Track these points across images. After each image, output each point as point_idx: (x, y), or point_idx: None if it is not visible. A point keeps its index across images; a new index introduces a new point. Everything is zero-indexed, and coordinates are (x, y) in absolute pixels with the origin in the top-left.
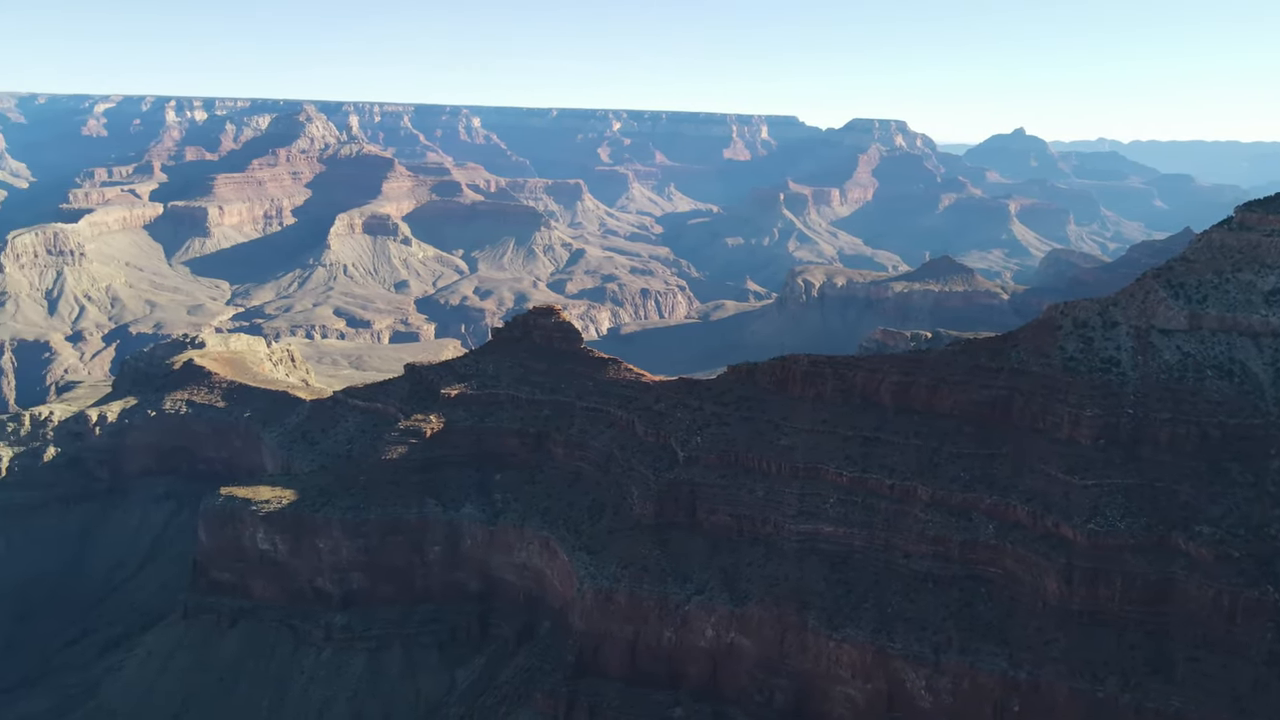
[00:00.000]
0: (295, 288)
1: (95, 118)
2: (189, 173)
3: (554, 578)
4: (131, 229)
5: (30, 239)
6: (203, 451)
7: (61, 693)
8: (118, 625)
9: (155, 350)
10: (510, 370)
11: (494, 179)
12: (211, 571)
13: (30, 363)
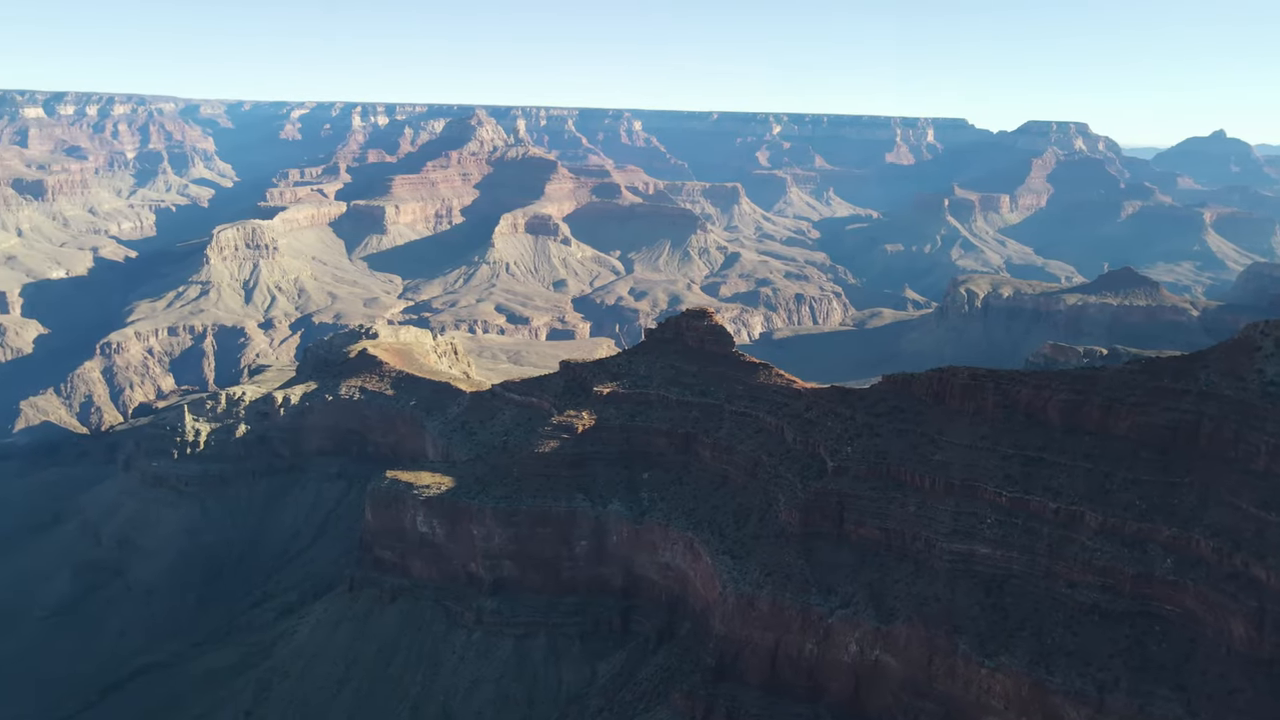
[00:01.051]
0: (461, 284)
1: (291, 123)
2: (370, 174)
3: (696, 579)
4: (318, 226)
5: (232, 234)
6: (372, 436)
7: (243, 650)
8: (293, 592)
9: (334, 339)
10: (661, 371)
11: (652, 181)
12: (375, 549)
13: (228, 346)
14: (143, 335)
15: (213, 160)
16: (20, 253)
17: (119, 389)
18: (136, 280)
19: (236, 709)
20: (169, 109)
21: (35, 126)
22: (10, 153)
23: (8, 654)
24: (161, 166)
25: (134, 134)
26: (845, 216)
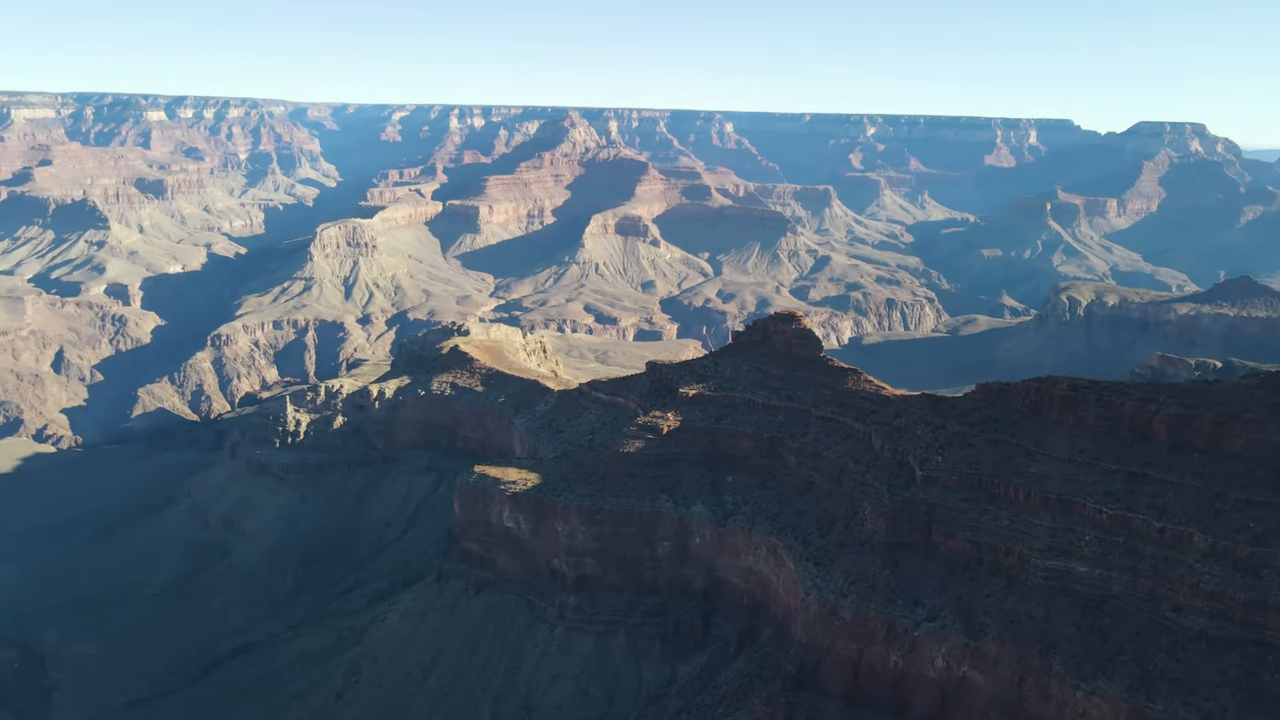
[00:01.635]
0: (551, 283)
1: (392, 125)
2: (465, 174)
3: (779, 585)
4: (415, 225)
5: (335, 232)
6: (461, 430)
7: (336, 634)
8: (384, 580)
9: (427, 336)
10: (748, 374)
11: (743, 184)
12: (463, 542)
13: (328, 340)
14: (250, 328)
15: (318, 161)
16: (141, 248)
17: (227, 379)
18: (245, 275)
19: (328, 690)
20: (279, 112)
21: (157, 129)
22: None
23: (123, 627)
24: (271, 167)
25: (246, 136)
26: (940, 220)
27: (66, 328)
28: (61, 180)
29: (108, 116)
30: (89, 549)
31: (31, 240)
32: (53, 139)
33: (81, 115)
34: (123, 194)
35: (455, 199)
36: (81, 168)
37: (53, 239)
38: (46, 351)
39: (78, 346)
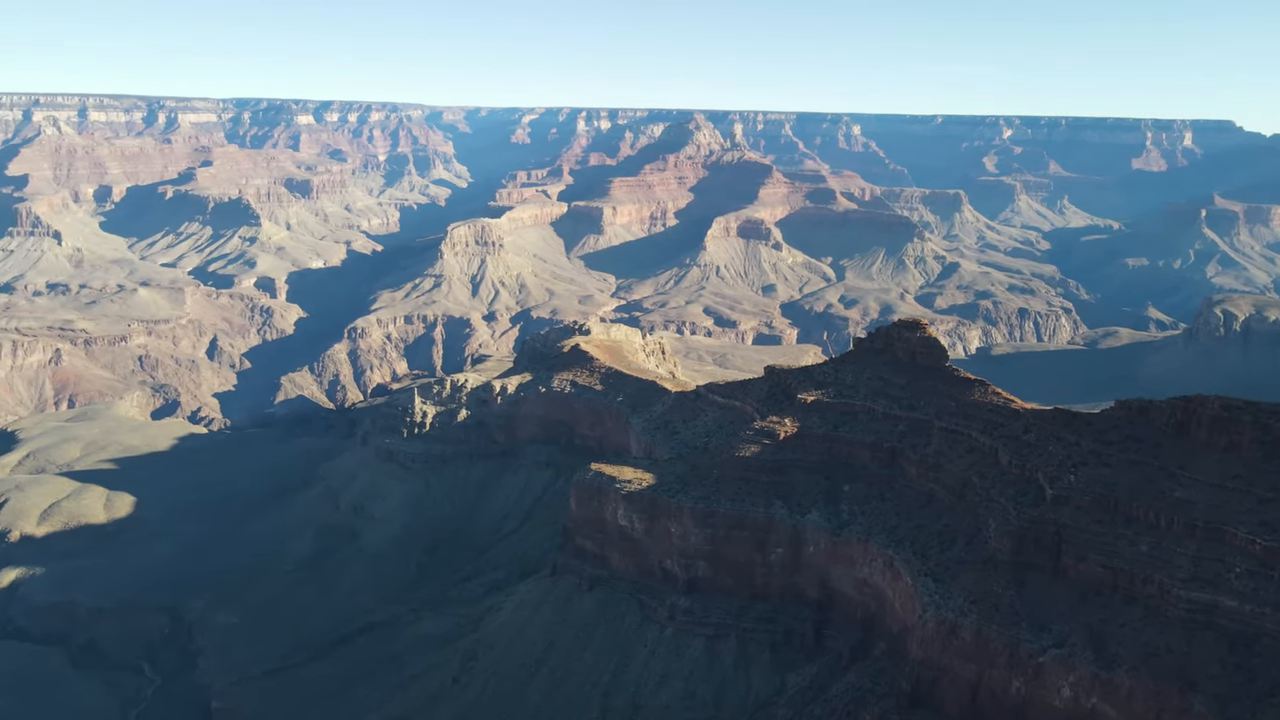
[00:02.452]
0: (671, 285)
1: (522, 127)
2: (591, 176)
3: (895, 599)
4: (540, 225)
5: (464, 231)
6: (580, 428)
7: (454, 621)
8: (501, 571)
9: (550, 334)
10: (869, 382)
11: (869, 187)
12: (577, 538)
13: (455, 336)
14: (383, 322)
15: (451, 162)
16: (288, 244)
17: (361, 370)
18: (381, 271)
19: (445, 674)
20: (416, 115)
21: (306, 132)
22: (285, 155)
23: (262, 599)
24: (407, 168)
25: (386, 138)
26: (1080, 227)
27: (220, 318)
28: (220, 180)
29: (262, 120)
30: (233, 525)
31: (192, 236)
32: (213, 141)
33: (240, 119)
34: (273, 193)
35: (580, 200)
36: (238, 168)
37: (210, 234)
38: (202, 339)
39: (230, 335)
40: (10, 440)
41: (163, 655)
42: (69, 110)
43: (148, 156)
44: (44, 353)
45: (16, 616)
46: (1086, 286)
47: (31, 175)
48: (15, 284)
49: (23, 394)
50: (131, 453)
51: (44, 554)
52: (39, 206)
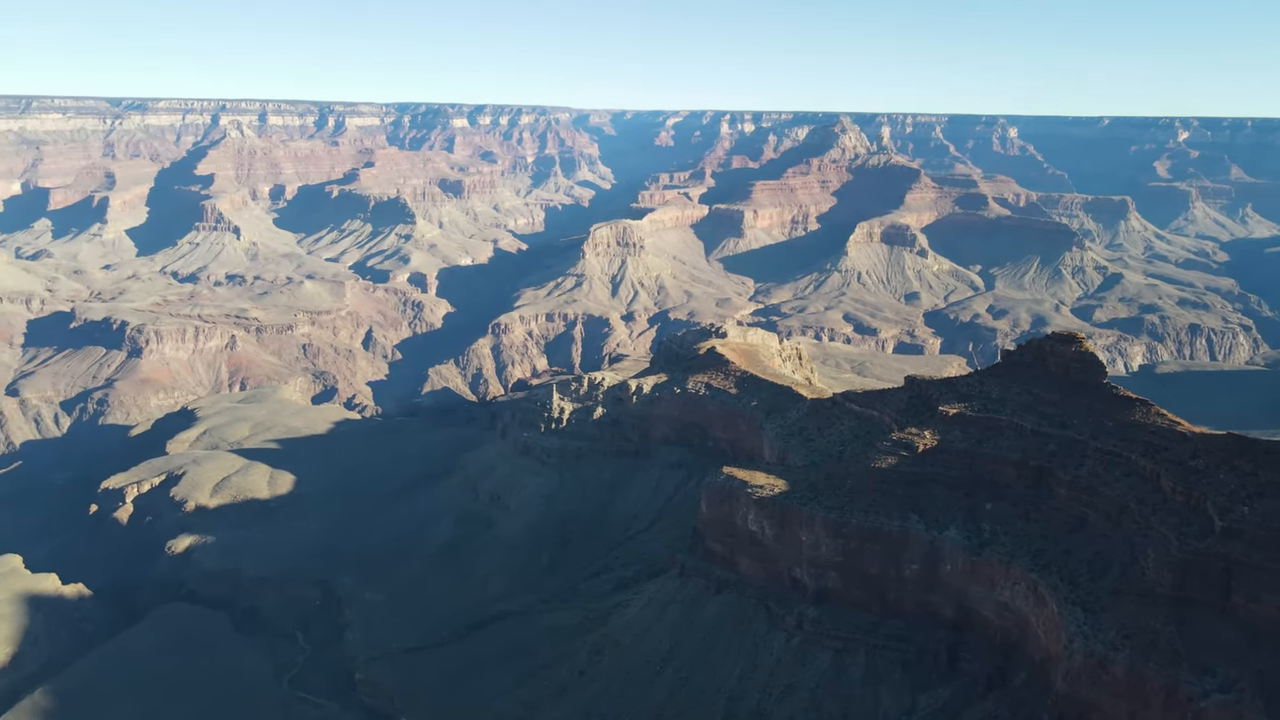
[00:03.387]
0: (811, 290)
1: (666, 130)
2: (733, 179)
3: (1038, 627)
4: (681, 227)
5: (606, 231)
6: (713, 430)
7: (583, 614)
8: (630, 568)
9: (686, 335)
10: (1017, 396)
11: (1024, 193)
12: (707, 540)
13: (594, 334)
14: (525, 319)
15: (596, 164)
16: (440, 242)
17: (503, 365)
18: (525, 270)
19: (573, 666)
20: (564, 118)
21: (460, 135)
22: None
23: (404, 580)
24: (553, 170)
25: (534, 141)
26: (1265, 238)
27: (376, 310)
28: (380, 180)
29: (421, 124)
30: (380, 507)
31: (354, 232)
32: (376, 144)
33: (400, 123)
34: (428, 193)
35: (721, 203)
36: (397, 169)
37: (370, 231)
38: (359, 330)
39: (384, 327)
40: (190, 418)
41: (315, 625)
42: (251, 115)
43: (317, 158)
44: (221, 338)
45: (189, 580)
46: (1271, 303)
47: (217, 174)
48: (200, 274)
49: (202, 375)
50: (293, 434)
51: (214, 524)
52: (222, 204)
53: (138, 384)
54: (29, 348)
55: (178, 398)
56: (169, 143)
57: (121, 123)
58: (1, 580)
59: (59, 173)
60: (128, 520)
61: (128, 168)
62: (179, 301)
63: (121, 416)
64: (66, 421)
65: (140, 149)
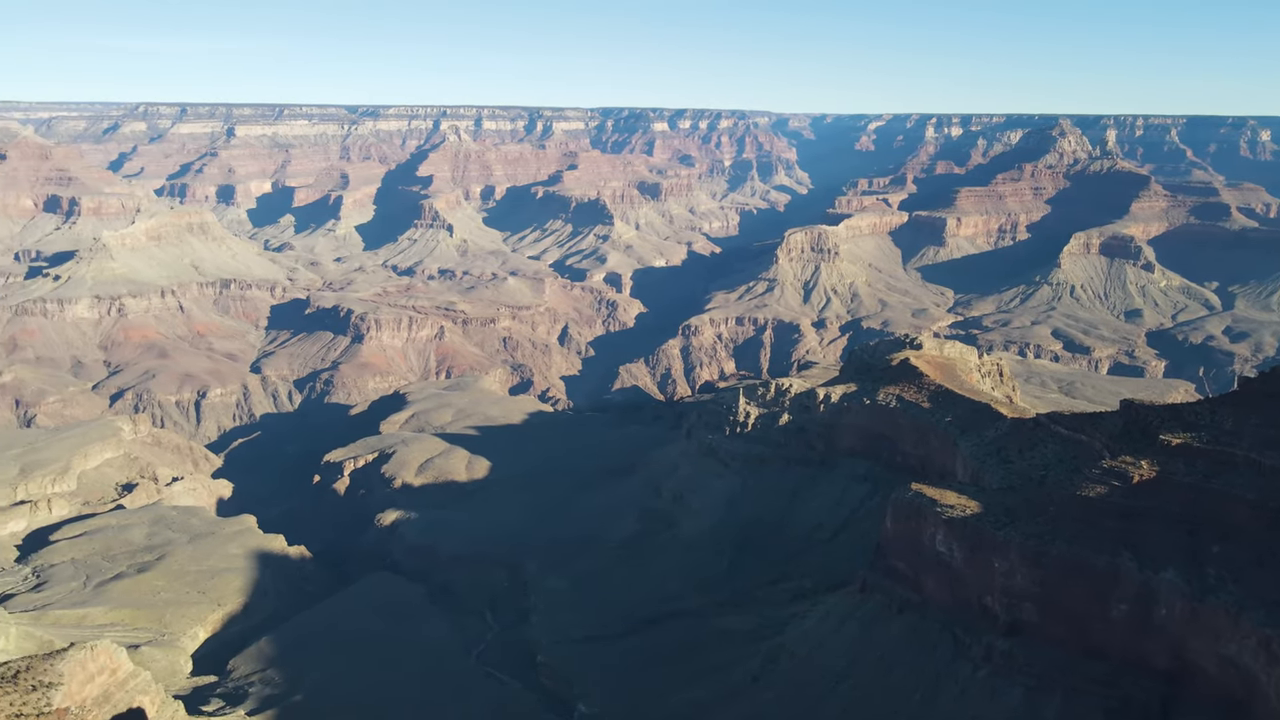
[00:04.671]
0: (1016, 303)
1: (867, 134)
2: (935, 185)
3: (1270, 689)
4: (878, 234)
5: (800, 237)
6: (901, 444)
7: (758, 620)
8: (808, 579)
9: (878, 345)
10: (1257, 429)
11: (1275, 202)
12: (890, 557)
13: (783, 340)
14: (715, 322)
15: (793, 169)
16: (636, 243)
17: (691, 366)
18: (717, 273)
19: (745, 671)
20: (763, 122)
21: (660, 138)
22: (639, 160)
23: (586, 570)
24: (750, 174)
25: (732, 145)
26: None
27: (572, 307)
28: (582, 182)
29: (622, 128)
30: (567, 498)
31: (555, 232)
32: (579, 147)
33: (604, 127)
34: (626, 195)
35: (922, 210)
36: (598, 171)
37: (570, 231)
38: (556, 326)
39: (579, 324)
40: (401, 401)
41: (502, 606)
42: (468, 120)
43: (525, 160)
44: (431, 329)
45: (394, 551)
46: None
47: (435, 176)
48: (416, 268)
49: (413, 362)
50: (491, 422)
51: (417, 501)
52: (438, 203)
53: (358, 367)
54: (271, 330)
55: (391, 382)
56: (395, 146)
57: (356, 128)
58: (238, 537)
59: (303, 173)
60: (344, 492)
61: (360, 169)
62: (397, 293)
63: (344, 396)
64: (298, 398)
65: (371, 152)
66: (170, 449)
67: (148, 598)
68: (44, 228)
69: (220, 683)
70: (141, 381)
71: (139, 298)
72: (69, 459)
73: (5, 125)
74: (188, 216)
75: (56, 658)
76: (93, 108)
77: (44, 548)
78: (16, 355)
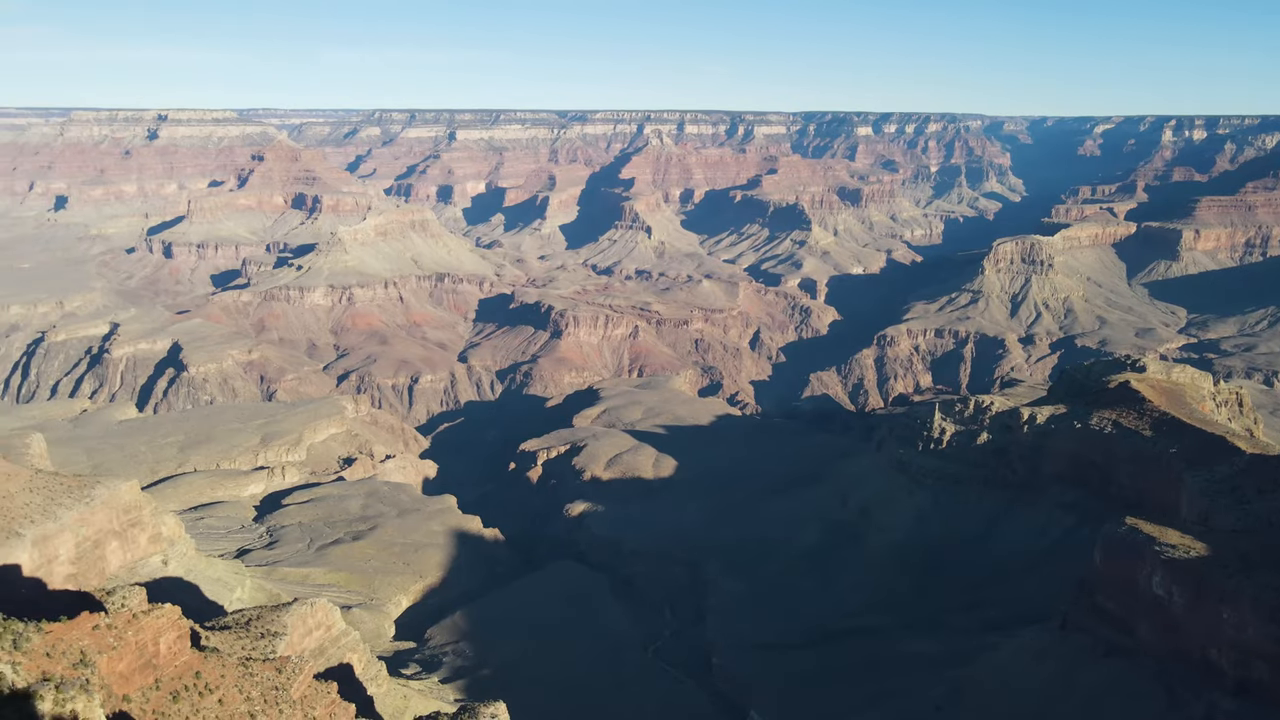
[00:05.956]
0: (1263, 326)
1: (1092, 138)
2: (1171, 194)
3: None
4: (1100, 246)
5: (1010, 247)
6: (1116, 475)
7: (943, 647)
8: (999, 609)
9: (1094, 365)
10: None
11: None
12: (1097, 596)
13: (985, 356)
14: (913, 333)
15: (1005, 175)
16: (833, 249)
17: (885, 377)
18: (917, 282)
19: (927, 699)
20: (975, 126)
21: (863, 143)
22: (840, 165)
23: (765, 576)
24: (958, 180)
25: (940, 150)
26: None
27: (765, 312)
28: (781, 187)
29: (825, 132)
30: (750, 503)
31: (751, 236)
32: (780, 151)
33: (805, 131)
34: (825, 200)
35: (1153, 220)
36: (797, 176)
37: (767, 236)
38: (748, 330)
39: (770, 330)
40: (594, 396)
41: (680, 604)
42: (670, 124)
43: (724, 164)
44: (626, 327)
45: (580, 542)
46: None
47: (637, 178)
48: (614, 268)
49: (607, 359)
50: (679, 422)
51: (604, 495)
52: (638, 205)
53: (556, 361)
54: (478, 322)
55: (586, 377)
56: (600, 149)
57: (565, 132)
58: (439, 515)
59: (514, 175)
60: (536, 480)
61: (566, 171)
62: (595, 291)
63: (540, 388)
64: (499, 388)
65: (577, 155)
66: (385, 428)
67: (360, 564)
68: (291, 222)
69: (418, 649)
70: (364, 365)
71: (366, 288)
72: (301, 432)
73: (264, 130)
74: (410, 214)
75: (282, 610)
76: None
77: (276, 510)
78: (263, 336)
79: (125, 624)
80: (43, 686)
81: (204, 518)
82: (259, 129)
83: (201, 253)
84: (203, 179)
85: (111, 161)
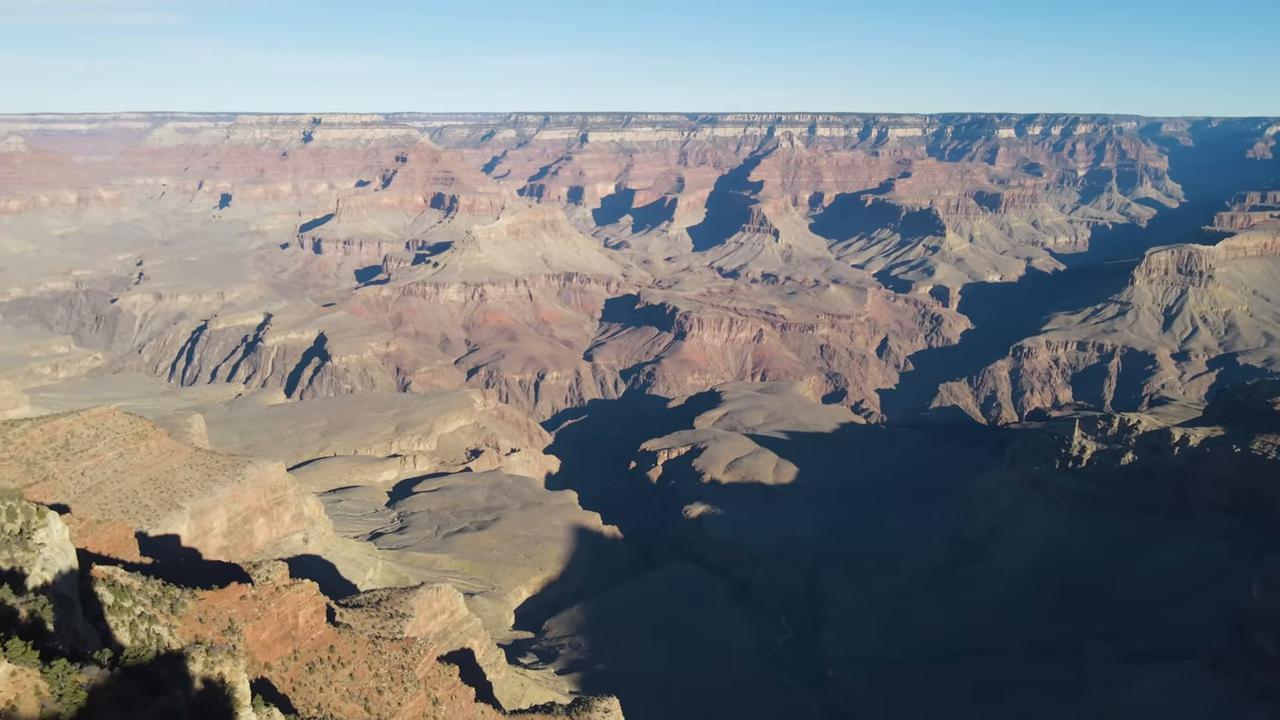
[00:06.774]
0: None
1: (1264, 140)
2: None
3: None
4: (1269, 256)
5: (1164, 256)
6: (1278, 504)
7: (1076, 677)
8: (1141, 641)
9: (1258, 385)
10: None
11: None
12: (1255, 634)
13: (1132, 371)
14: (1053, 345)
15: (1162, 179)
16: (968, 256)
17: (1020, 390)
18: (1058, 292)
19: None
20: (1129, 128)
21: (1004, 145)
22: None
23: (885, 589)
24: (1108, 184)
25: (1089, 152)
26: None
27: (894, 319)
28: (914, 191)
29: (963, 134)
30: (871, 513)
31: (882, 241)
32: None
33: (942, 134)
34: (961, 205)
35: None
36: (932, 180)
37: (898, 241)
38: (875, 337)
39: (899, 337)
40: (716, 399)
41: (796, 612)
42: (801, 127)
43: (856, 167)
44: (750, 331)
45: (698, 543)
46: None
47: (765, 181)
48: (740, 271)
49: (730, 362)
50: (801, 429)
51: (724, 498)
52: (766, 208)
53: (679, 363)
54: (603, 321)
55: (708, 379)
56: (730, 152)
57: (695, 134)
58: (561, 510)
59: (643, 177)
60: (656, 480)
61: (695, 174)
62: (720, 294)
63: (663, 389)
64: (623, 387)
65: (706, 157)
66: (511, 423)
67: (483, 553)
68: (429, 221)
69: (535, 640)
70: (493, 360)
71: (497, 285)
72: (432, 422)
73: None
74: (542, 214)
75: (410, 593)
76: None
77: (407, 497)
78: (400, 329)
79: (269, 596)
80: (195, 649)
81: (341, 500)
82: (403, 131)
83: (347, 249)
84: (351, 179)
85: (270, 162)
